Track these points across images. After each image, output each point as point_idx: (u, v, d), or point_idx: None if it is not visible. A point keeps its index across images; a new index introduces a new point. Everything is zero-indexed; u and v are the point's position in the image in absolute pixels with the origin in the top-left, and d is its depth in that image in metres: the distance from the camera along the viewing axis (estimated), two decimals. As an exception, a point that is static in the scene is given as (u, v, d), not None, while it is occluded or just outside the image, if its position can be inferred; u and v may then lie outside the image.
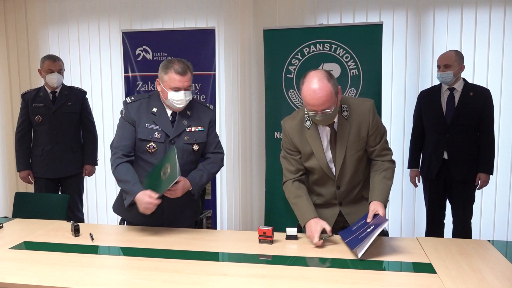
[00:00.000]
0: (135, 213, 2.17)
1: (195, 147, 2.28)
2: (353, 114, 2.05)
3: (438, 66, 3.12)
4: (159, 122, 2.22)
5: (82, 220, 3.63)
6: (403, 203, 3.87)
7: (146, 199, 2.05)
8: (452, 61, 3.05)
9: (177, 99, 2.16)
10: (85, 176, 3.63)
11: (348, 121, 2.04)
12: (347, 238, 1.97)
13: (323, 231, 2.00)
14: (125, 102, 2.27)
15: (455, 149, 3.07)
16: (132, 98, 2.28)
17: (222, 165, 2.43)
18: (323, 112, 1.91)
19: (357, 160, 2.09)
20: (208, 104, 2.42)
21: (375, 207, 1.98)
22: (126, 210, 2.23)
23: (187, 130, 2.25)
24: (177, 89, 2.16)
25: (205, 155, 2.38)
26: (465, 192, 3.12)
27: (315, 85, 1.90)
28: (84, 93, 3.60)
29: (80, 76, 4.28)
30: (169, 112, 2.25)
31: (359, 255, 1.81)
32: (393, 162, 2.15)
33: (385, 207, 2.02)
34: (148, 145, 2.22)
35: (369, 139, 2.08)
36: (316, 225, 2.00)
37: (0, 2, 4.26)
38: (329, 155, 2.09)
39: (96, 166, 3.62)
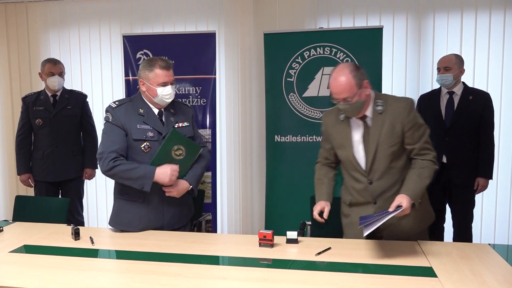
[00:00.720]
0: (136, 222, 2.23)
1: None
2: (388, 109, 2.07)
3: (438, 69, 3.12)
4: (149, 122, 2.26)
5: (82, 224, 3.62)
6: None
7: (168, 169, 2.15)
8: (452, 64, 3.06)
9: (166, 93, 2.24)
10: (85, 180, 3.63)
11: (382, 116, 2.07)
12: (362, 220, 1.92)
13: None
14: (110, 108, 2.28)
15: (454, 153, 3.06)
16: (116, 102, 2.31)
17: (210, 158, 2.52)
18: (344, 100, 2.02)
19: (390, 156, 2.08)
20: (185, 103, 2.55)
21: (400, 199, 1.93)
22: (126, 221, 2.27)
23: (176, 126, 2.32)
24: (164, 84, 2.23)
25: None
26: (465, 196, 3.11)
27: (336, 74, 2.05)
28: (85, 96, 3.60)
29: (81, 79, 4.29)
30: (155, 111, 2.31)
31: (364, 234, 1.83)
32: (434, 162, 2.09)
33: (415, 205, 1.96)
34: (142, 145, 2.24)
35: (405, 136, 2.07)
36: (319, 205, 2.15)
37: (1, 6, 4.27)
38: (360, 148, 2.12)
39: (96, 170, 3.62)
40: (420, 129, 2.09)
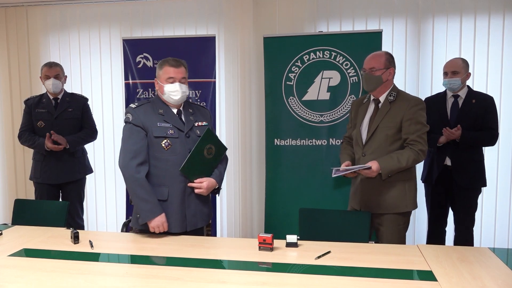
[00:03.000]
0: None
1: None
2: (398, 101, 2.46)
3: (445, 73, 3.12)
4: (169, 120, 2.30)
5: (82, 227, 3.62)
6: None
7: (160, 223, 2.19)
8: (460, 68, 3.07)
9: (173, 90, 2.27)
10: (86, 183, 3.63)
11: (391, 104, 2.46)
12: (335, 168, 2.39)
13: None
14: (130, 108, 2.29)
15: (458, 156, 3.07)
16: (136, 104, 2.32)
17: (228, 159, 2.59)
18: (370, 70, 2.46)
19: (386, 137, 2.42)
20: (203, 105, 2.62)
21: (371, 163, 2.31)
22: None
23: (196, 125, 2.35)
24: (172, 80, 2.27)
25: None
26: (468, 200, 3.11)
27: (376, 52, 2.57)
28: (86, 99, 3.61)
29: (81, 83, 4.29)
30: (174, 111, 2.34)
31: (332, 175, 2.34)
32: (419, 153, 2.36)
33: (383, 175, 2.32)
34: (163, 142, 2.25)
35: (403, 125, 2.40)
36: (344, 164, 2.48)
37: (2, 10, 4.28)
38: (366, 125, 2.52)
39: (67, 148, 3.38)
40: (417, 124, 2.39)
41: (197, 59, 3.60)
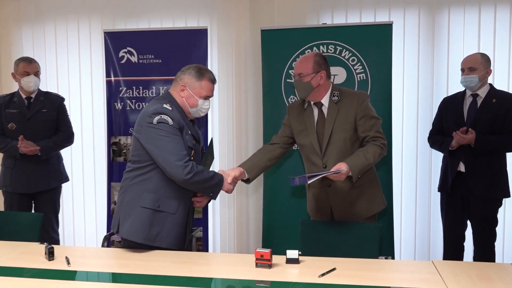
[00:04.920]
0: (164, 235, 2.26)
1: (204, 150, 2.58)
2: (343, 99, 2.55)
3: (462, 70, 3.14)
4: (191, 130, 2.35)
5: (58, 242, 3.60)
6: (416, 221, 3.86)
7: (227, 176, 2.40)
8: (477, 64, 3.07)
9: (206, 107, 2.37)
10: (61, 192, 3.62)
11: (337, 105, 2.54)
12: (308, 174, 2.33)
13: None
14: (166, 109, 2.23)
15: (473, 161, 3.07)
16: (167, 105, 2.26)
17: None
18: (298, 76, 2.51)
19: (344, 141, 2.51)
20: None
21: (341, 165, 2.30)
22: (156, 235, 2.26)
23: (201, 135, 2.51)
24: (207, 97, 2.35)
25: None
26: (486, 211, 3.10)
27: (304, 54, 2.67)
28: (62, 99, 3.60)
29: (57, 81, 4.29)
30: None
31: (291, 183, 2.30)
32: (382, 148, 2.46)
33: (354, 176, 2.35)
34: (191, 154, 2.31)
35: (358, 125, 2.51)
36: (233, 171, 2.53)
37: (-31, -1, 4.28)
38: (315, 133, 2.58)
39: (39, 155, 3.36)
40: (371, 119, 2.51)
41: (187, 54, 3.60)
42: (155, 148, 2.19)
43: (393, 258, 3.32)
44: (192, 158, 2.29)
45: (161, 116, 2.20)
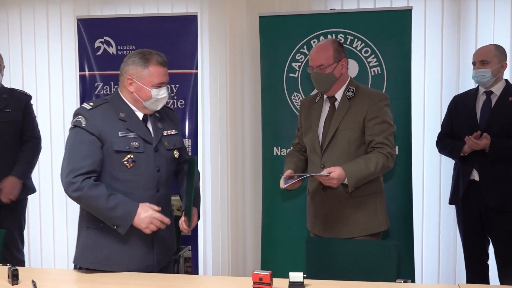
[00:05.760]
0: (116, 259, 2.21)
1: (176, 154, 2.41)
2: (358, 97, 2.59)
3: (474, 63, 3.16)
4: (133, 128, 2.26)
5: (23, 263, 3.58)
6: (440, 241, 3.86)
7: (148, 214, 2.15)
8: (490, 57, 3.09)
9: (162, 96, 2.28)
10: (27, 206, 3.60)
11: (350, 102, 2.59)
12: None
13: None
14: (83, 109, 2.24)
15: (488, 169, 3.07)
16: (90, 104, 2.28)
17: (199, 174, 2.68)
18: (319, 68, 2.54)
19: (348, 141, 2.55)
20: (169, 106, 2.63)
21: (334, 168, 2.36)
22: (105, 258, 2.23)
23: (164, 134, 2.36)
24: (161, 84, 2.27)
25: (179, 164, 2.51)
26: (504, 225, 3.10)
27: (319, 44, 2.70)
28: (29, 97, 3.58)
29: (22, 75, 4.29)
30: (140, 116, 2.32)
31: (281, 186, 2.43)
32: (387, 157, 2.47)
33: (351, 185, 2.38)
34: (125, 158, 2.22)
35: (366, 126, 2.54)
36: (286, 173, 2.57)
37: None
38: (322, 128, 2.63)
39: (29, 189, 3.50)
40: (382, 124, 2.53)
41: (174, 45, 3.60)
42: (64, 155, 2.24)
43: (413, 281, 3.30)
44: (133, 164, 2.22)
45: (77, 118, 2.23)
